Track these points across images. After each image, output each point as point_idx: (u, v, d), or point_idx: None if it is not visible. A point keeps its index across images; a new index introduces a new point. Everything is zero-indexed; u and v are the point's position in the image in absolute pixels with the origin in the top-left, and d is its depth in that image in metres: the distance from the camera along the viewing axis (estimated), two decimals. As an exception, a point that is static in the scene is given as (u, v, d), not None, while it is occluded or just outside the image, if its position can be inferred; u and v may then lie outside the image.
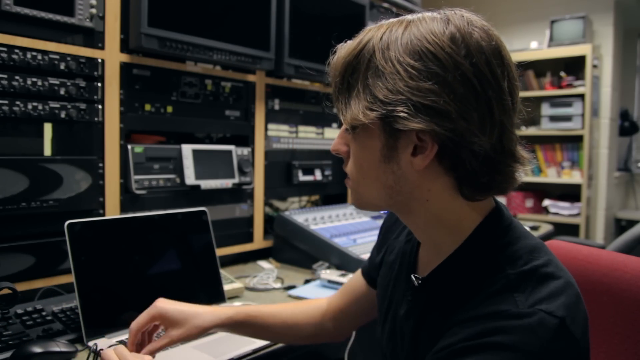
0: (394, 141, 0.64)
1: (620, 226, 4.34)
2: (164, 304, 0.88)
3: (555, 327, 0.56)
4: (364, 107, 0.63)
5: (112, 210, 1.36)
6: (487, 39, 0.63)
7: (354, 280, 1.01)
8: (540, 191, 4.08)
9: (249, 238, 1.78)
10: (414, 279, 0.74)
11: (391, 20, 0.67)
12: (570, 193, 3.92)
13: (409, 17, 0.66)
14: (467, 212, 0.68)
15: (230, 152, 1.66)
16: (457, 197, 0.66)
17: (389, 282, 0.83)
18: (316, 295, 1.40)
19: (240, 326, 0.94)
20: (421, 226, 0.71)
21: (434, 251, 0.72)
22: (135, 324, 0.86)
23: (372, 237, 1.78)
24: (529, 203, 3.99)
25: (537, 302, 0.58)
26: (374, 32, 0.66)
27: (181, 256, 1.26)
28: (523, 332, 0.56)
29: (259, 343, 1.06)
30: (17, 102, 1.16)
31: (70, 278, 1.07)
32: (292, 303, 1.07)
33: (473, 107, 0.60)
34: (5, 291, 1.05)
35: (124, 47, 1.38)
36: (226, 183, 1.63)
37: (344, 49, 0.68)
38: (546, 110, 3.90)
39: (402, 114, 0.60)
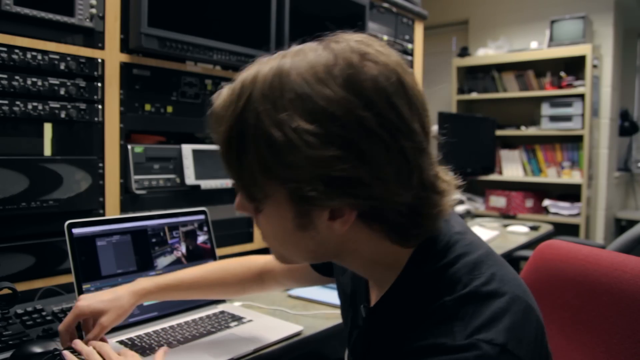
0: (305, 211, 0.57)
1: (620, 226, 4.34)
2: (83, 300, 0.91)
3: (495, 356, 0.52)
4: (263, 184, 0.56)
5: (112, 210, 1.36)
6: (386, 72, 0.54)
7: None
8: (540, 191, 4.08)
9: (249, 238, 1.78)
10: (362, 309, 0.72)
11: (269, 60, 0.58)
12: (570, 193, 3.92)
13: (288, 54, 0.57)
14: (399, 251, 0.63)
15: (230, 152, 1.66)
16: (384, 242, 0.61)
17: (347, 310, 0.80)
18: (316, 295, 1.40)
19: (163, 296, 1.00)
20: (357, 268, 0.67)
21: (377, 285, 0.69)
22: (62, 325, 0.90)
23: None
24: (529, 203, 3.99)
25: (475, 331, 0.53)
26: (253, 79, 0.56)
27: (181, 256, 1.26)
28: None
29: (259, 343, 1.06)
30: (17, 102, 1.16)
31: (70, 278, 1.07)
32: (219, 265, 1.07)
33: (386, 162, 0.53)
34: (5, 291, 1.05)
35: (124, 47, 1.38)
36: (226, 183, 1.63)
37: (222, 105, 0.58)
38: (546, 110, 3.90)
39: (308, 193, 0.53)
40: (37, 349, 0.91)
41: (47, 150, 1.23)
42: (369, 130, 0.52)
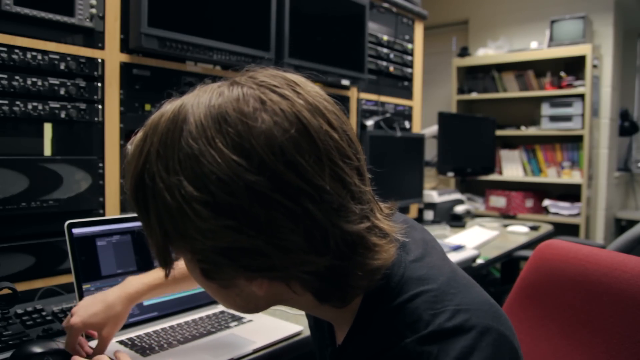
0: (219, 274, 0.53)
1: (620, 226, 4.34)
2: (76, 317, 0.89)
3: None
4: (161, 247, 0.52)
5: (112, 210, 1.36)
6: (284, 123, 0.47)
7: None
8: (540, 191, 4.08)
9: (249, 238, 1.78)
10: (327, 351, 0.69)
11: (168, 111, 0.52)
12: (570, 193, 3.92)
13: (184, 109, 0.50)
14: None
15: (230, 152, 1.66)
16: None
17: (317, 343, 0.76)
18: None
19: (154, 294, 0.98)
20: (307, 312, 0.64)
21: (337, 325, 0.65)
22: (67, 347, 0.90)
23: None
24: (529, 203, 3.99)
25: None
26: (153, 133, 0.51)
27: (181, 256, 1.26)
28: None
29: (259, 343, 1.06)
30: (17, 102, 1.16)
31: (70, 278, 1.07)
32: None
33: (289, 229, 0.47)
34: (5, 291, 1.05)
35: (124, 47, 1.38)
36: (226, 183, 1.63)
37: (129, 161, 0.54)
38: (546, 110, 3.90)
39: (202, 265, 0.51)
40: (37, 349, 0.91)
41: (47, 150, 1.23)
42: (262, 196, 0.46)
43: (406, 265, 0.57)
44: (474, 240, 2.25)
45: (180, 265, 1.01)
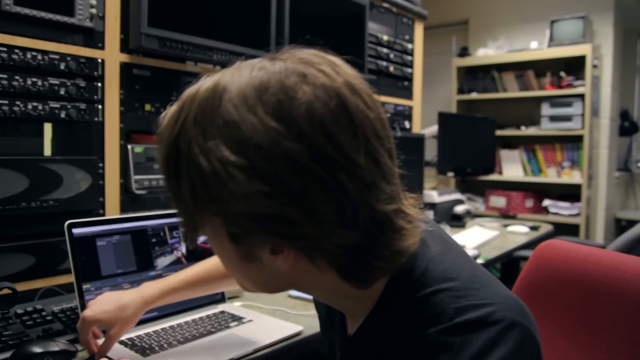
0: (244, 245, 0.53)
1: (620, 226, 4.34)
2: (89, 310, 0.92)
3: None
4: (191, 214, 0.53)
5: (112, 210, 1.36)
6: (324, 97, 0.48)
7: None
8: (540, 191, 4.08)
9: (249, 238, 1.78)
10: (338, 338, 0.68)
11: (206, 83, 0.54)
12: (570, 193, 3.92)
13: (222, 81, 0.52)
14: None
15: (230, 152, 1.66)
16: (342, 279, 0.55)
17: (328, 334, 0.76)
18: (316, 295, 1.39)
19: (169, 300, 0.99)
20: (322, 299, 0.62)
21: (350, 315, 0.64)
22: (80, 339, 0.94)
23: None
24: (529, 203, 3.99)
25: None
26: (190, 103, 0.53)
27: (181, 256, 1.26)
28: None
29: (259, 343, 1.06)
30: (17, 102, 1.16)
31: (70, 278, 1.07)
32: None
33: (321, 200, 0.47)
34: (5, 291, 1.05)
35: (124, 47, 1.38)
36: (226, 183, 1.63)
37: (163, 128, 0.55)
38: (546, 110, 3.90)
39: (236, 230, 0.50)
40: (37, 349, 0.91)
41: (47, 150, 1.23)
42: (299, 165, 0.46)
43: (429, 259, 0.58)
44: (474, 240, 2.25)
45: (194, 270, 1.00)
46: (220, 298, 1.30)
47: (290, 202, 0.47)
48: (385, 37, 2.40)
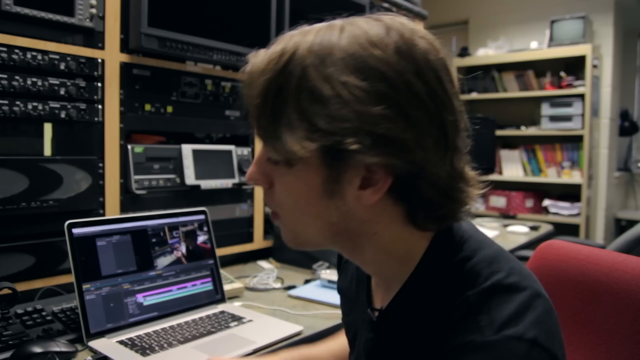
0: (337, 174, 0.55)
1: (620, 226, 4.34)
2: None
3: (525, 352, 0.51)
4: (301, 138, 0.53)
5: (112, 210, 1.36)
6: (434, 50, 0.55)
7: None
8: (540, 191, 4.08)
9: (249, 238, 1.78)
10: (370, 313, 0.68)
11: (317, 25, 0.57)
12: (570, 193, 3.92)
13: (338, 22, 0.57)
14: (417, 239, 0.61)
15: (230, 152, 1.66)
16: (408, 226, 0.59)
17: (350, 311, 0.78)
18: (316, 295, 1.40)
19: None
20: (368, 260, 0.64)
21: (386, 283, 0.66)
22: None
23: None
24: (529, 203, 3.99)
25: (503, 325, 0.52)
26: (298, 40, 0.56)
27: (181, 256, 1.26)
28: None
29: (259, 343, 1.06)
30: (17, 102, 1.16)
31: (70, 278, 1.07)
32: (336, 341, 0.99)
33: (428, 132, 0.53)
34: (6, 291, 1.05)
35: (124, 47, 1.38)
36: (226, 183, 1.63)
37: (261, 61, 0.57)
38: (546, 110, 3.90)
39: (352, 146, 0.51)
40: (37, 349, 0.91)
41: (47, 150, 1.23)
42: (417, 97, 0.52)
43: (463, 231, 0.62)
44: (474, 240, 2.24)
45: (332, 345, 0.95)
46: (220, 298, 1.30)
47: (407, 128, 0.52)
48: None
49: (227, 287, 1.36)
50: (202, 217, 1.34)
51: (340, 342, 0.95)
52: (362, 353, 0.70)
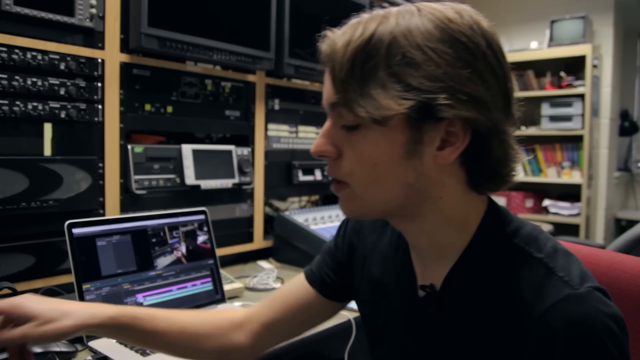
0: (420, 134, 0.60)
1: (620, 226, 4.34)
2: (25, 300, 0.71)
3: (604, 299, 0.58)
4: (395, 97, 0.58)
5: (112, 210, 1.36)
6: (492, 31, 0.64)
7: (293, 289, 0.88)
8: (540, 191, 4.08)
9: (249, 238, 1.78)
10: (422, 291, 0.69)
11: (392, 9, 0.63)
12: (570, 193, 3.92)
13: (411, 6, 0.62)
14: (473, 207, 0.66)
15: (230, 152, 1.66)
16: (468, 191, 0.65)
17: (380, 299, 0.77)
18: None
19: (122, 329, 0.77)
20: (426, 230, 0.66)
21: (437, 255, 0.67)
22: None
23: (372, 237, 1.78)
24: (529, 203, 3.99)
25: (583, 280, 0.59)
26: (379, 19, 0.61)
27: (181, 256, 1.26)
28: (591, 309, 0.56)
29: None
30: (17, 102, 1.16)
31: (70, 278, 1.07)
32: (196, 311, 0.94)
33: (499, 96, 0.61)
34: (5, 291, 1.05)
35: (124, 47, 1.38)
36: (226, 183, 1.63)
37: (343, 36, 0.62)
38: (546, 110, 3.90)
39: (445, 102, 0.57)
40: (37, 349, 0.91)
41: (47, 150, 1.23)
42: (490, 66, 0.60)
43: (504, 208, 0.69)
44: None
45: (164, 310, 0.84)
46: (220, 298, 1.30)
47: (485, 90, 0.59)
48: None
49: (227, 287, 1.36)
50: (202, 217, 1.34)
51: (189, 316, 0.85)
52: (404, 337, 0.72)
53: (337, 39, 0.63)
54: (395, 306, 0.74)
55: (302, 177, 1.94)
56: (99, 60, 1.32)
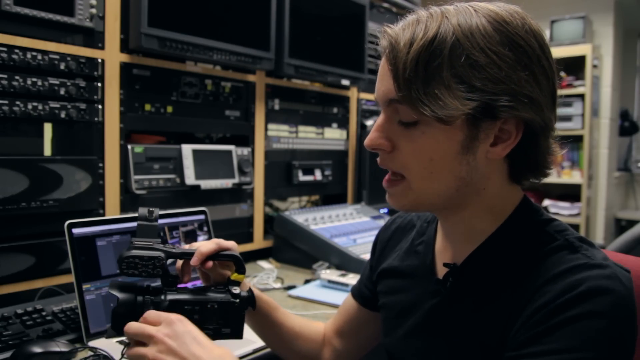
0: (476, 132, 0.64)
1: (620, 226, 4.33)
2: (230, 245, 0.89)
3: (628, 277, 0.62)
4: (459, 97, 0.61)
5: (112, 210, 1.36)
6: (541, 32, 0.66)
7: (347, 306, 0.97)
8: (540, 191, 4.08)
9: (249, 238, 1.78)
10: (442, 272, 0.73)
11: (446, 7, 0.66)
12: (570, 193, 3.91)
13: (466, 5, 0.65)
14: (511, 197, 0.70)
15: (230, 152, 1.66)
16: (508, 182, 0.69)
17: (402, 287, 0.81)
18: (316, 295, 1.40)
19: (261, 307, 0.90)
20: (466, 218, 0.70)
21: (464, 239, 0.72)
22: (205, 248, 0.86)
23: (372, 237, 1.77)
24: (529, 203, 3.99)
25: (606, 260, 0.62)
26: (439, 18, 0.63)
27: (181, 256, 1.26)
28: (609, 278, 0.59)
29: (259, 343, 1.06)
30: (17, 102, 1.16)
31: (70, 278, 1.07)
32: (299, 317, 1.00)
33: (549, 97, 0.65)
34: (6, 291, 1.05)
35: (124, 47, 1.38)
36: (226, 183, 1.63)
37: (404, 34, 0.64)
38: (546, 110, 3.90)
39: (507, 103, 0.61)
40: (37, 349, 0.91)
41: (47, 150, 1.23)
42: (543, 68, 0.64)
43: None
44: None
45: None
46: (220, 298, 1.30)
47: (540, 92, 0.63)
48: (385, 37, 2.39)
49: (227, 287, 1.36)
50: (202, 217, 1.34)
51: (298, 318, 0.97)
52: (425, 317, 0.74)
53: (398, 36, 0.64)
54: (421, 292, 0.77)
55: (302, 177, 1.94)
56: (99, 60, 1.32)
